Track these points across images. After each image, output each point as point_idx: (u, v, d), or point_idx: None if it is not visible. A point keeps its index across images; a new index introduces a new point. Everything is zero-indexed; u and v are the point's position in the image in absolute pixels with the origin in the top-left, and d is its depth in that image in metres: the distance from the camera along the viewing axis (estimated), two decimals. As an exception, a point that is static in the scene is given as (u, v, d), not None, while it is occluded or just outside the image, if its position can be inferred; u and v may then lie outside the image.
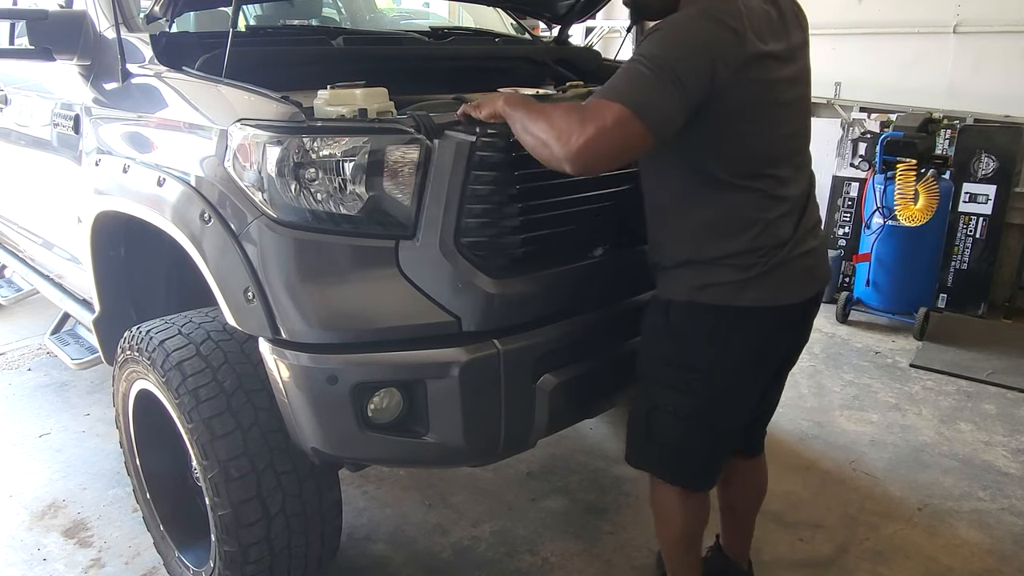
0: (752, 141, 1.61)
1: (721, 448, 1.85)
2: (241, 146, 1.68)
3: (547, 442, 2.44)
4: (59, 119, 2.43)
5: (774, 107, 1.62)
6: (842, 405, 3.45)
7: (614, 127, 1.45)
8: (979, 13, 4.63)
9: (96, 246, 2.27)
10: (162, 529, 2.24)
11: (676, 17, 1.56)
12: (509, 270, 1.74)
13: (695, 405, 1.73)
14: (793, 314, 1.75)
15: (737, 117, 1.57)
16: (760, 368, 1.79)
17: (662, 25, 1.56)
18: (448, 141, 1.64)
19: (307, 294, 1.66)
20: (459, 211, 1.65)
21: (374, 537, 2.51)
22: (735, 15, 1.53)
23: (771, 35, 1.60)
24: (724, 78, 1.50)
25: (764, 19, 1.60)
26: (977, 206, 4.48)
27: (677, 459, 1.82)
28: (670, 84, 1.46)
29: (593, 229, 1.97)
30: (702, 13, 1.54)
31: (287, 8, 3.03)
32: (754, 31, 1.55)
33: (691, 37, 1.51)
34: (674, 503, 1.87)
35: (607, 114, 1.46)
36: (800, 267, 1.70)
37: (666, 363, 1.75)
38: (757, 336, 1.71)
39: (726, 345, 1.69)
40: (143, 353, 1.91)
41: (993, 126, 4.51)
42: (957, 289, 4.58)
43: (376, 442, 1.72)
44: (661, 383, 1.76)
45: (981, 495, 2.77)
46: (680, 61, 1.48)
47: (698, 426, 1.76)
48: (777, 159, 1.66)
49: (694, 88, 1.48)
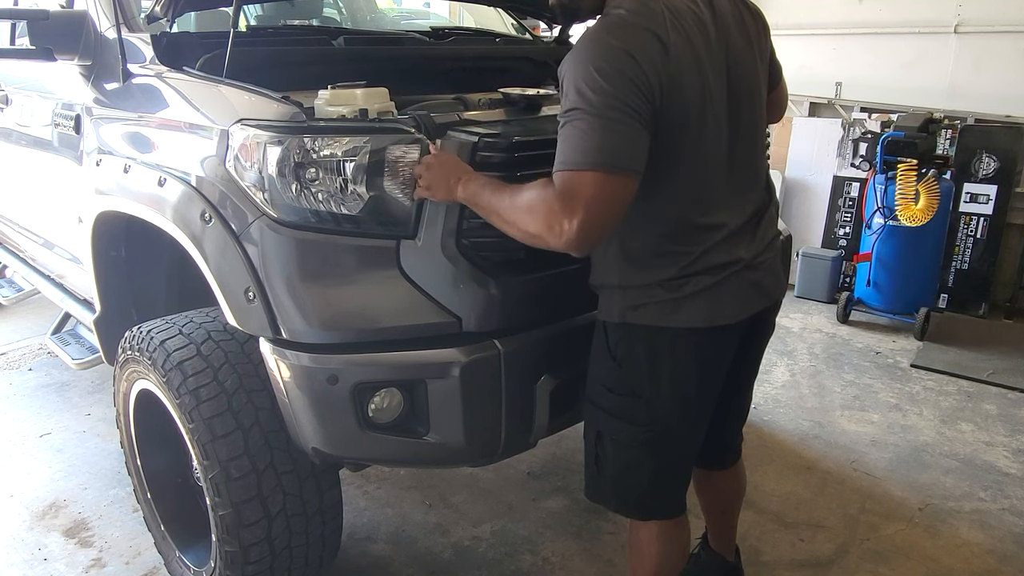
0: (679, 165, 1.48)
1: (675, 474, 1.73)
2: (242, 146, 1.68)
3: (548, 442, 2.44)
4: (60, 119, 2.43)
5: (704, 127, 1.48)
6: (843, 405, 3.45)
7: (598, 195, 1.35)
8: (980, 13, 4.63)
9: (97, 246, 2.27)
10: (163, 529, 2.24)
11: (590, 38, 1.41)
12: (510, 270, 1.74)
13: (640, 432, 1.62)
14: (737, 331, 1.63)
15: (664, 137, 1.43)
16: (704, 390, 1.65)
17: (578, 52, 1.40)
18: (450, 141, 1.64)
19: (308, 294, 1.66)
20: (460, 212, 1.65)
21: (375, 537, 2.51)
22: (655, 18, 1.41)
23: (703, 42, 1.47)
24: (660, 85, 1.38)
25: (693, 23, 1.47)
26: (978, 206, 4.48)
27: (629, 490, 1.71)
28: (623, 118, 1.35)
29: None
30: (618, 22, 1.42)
31: (288, 8, 3.03)
32: (679, 38, 1.42)
33: (614, 54, 1.37)
34: (649, 539, 1.74)
35: (584, 186, 1.35)
36: (743, 282, 1.59)
37: (608, 388, 1.65)
38: (695, 358, 1.59)
39: (663, 368, 1.58)
40: (144, 353, 1.92)
41: (994, 126, 4.51)
42: (958, 289, 4.58)
43: (377, 442, 1.72)
44: (604, 410, 1.66)
45: (982, 495, 2.77)
46: (617, 87, 1.34)
47: (645, 454, 1.65)
48: (712, 183, 1.53)
49: (644, 106, 1.37)
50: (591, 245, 1.42)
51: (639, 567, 1.78)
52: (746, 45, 1.60)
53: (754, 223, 1.65)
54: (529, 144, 1.73)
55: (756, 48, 1.63)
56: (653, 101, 1.38)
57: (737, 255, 1.57)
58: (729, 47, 1.55)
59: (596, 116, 1.35)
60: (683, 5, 1.48)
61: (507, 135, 1.67)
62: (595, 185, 1.35)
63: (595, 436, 1.70)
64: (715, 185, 1.55)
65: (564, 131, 1.39)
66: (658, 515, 1.74)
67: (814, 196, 5.06)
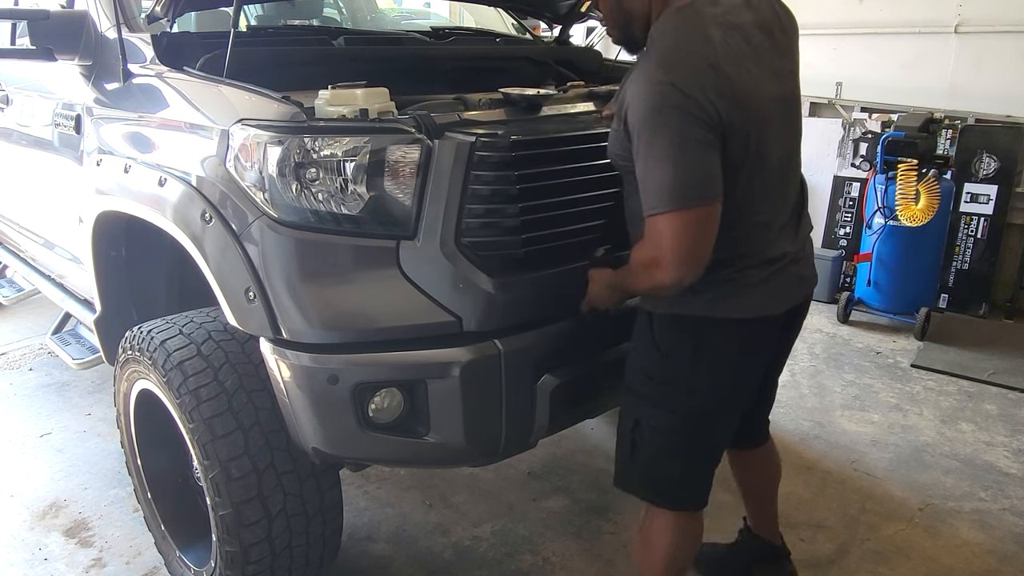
0: (741, 170, 1.53)
1: (708, 463, 1.77)
2: (242, 146, 1.68)
3: (548, 442, 2.44)
4: (60, 119, 2.43)
5: (763, 129, 1.54)
6: (843, 405, 3.45)
7: (685, 230, 1.44)
8: (980, 13, 4.62)
9: (97, 246, 2.27)
10: (163, 529, 2.24)
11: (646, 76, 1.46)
12: (510, 270, 1.74)
13: (678, 420, 1.67)
14: (778, 322, 1.70)
15: (728, 148, 1.49)
16: (743, 380, 1.73)
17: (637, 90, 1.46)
18: (448, 142, 1.64)
19: (308, 294, 1.66)
20: (459, 211, 1.65)
21: (375, 537, 2.51)
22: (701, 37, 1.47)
23: (751, 48, 1.53)
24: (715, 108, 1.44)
25: (740, 31, 1.52)
26: (978, 206, 4.47)
27: (661, 478, 1.74)
28: (696, 148, 1.42)
29: (594, 229, 1.97)
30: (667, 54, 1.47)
31: (288, 8, 3.03)
32: (728, 51, 1.48)
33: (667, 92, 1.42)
34: (663, 529, 1.77)
35: (672, 226, 1.44)
36: (789, 275, 1.68)
37: (648, 377, 1.70)
38: (740, 348, 1.65)
39: (710, 358, 1.64)
40: (144, 353, 1.92)
41: (994, 126, 4.50)
42: (958, 289, 4.58)
43: (377, 442, 1.72)
44: (644, 398, 1.71)
45: (982, 495, 2.77)
46: (684, 118, 1.41)
47: (681, 442, 1.69)
48: (766, 183, 1.59)
49: (711, 130, 1.43)
50: (695, 272, 1.50)
51: (648, 558, 1.80)
52: (788, 43, 1.66)
53: (796, 218, 1.74)
54: (527, 143, 1.73)
55: (794, 46, 1.70)
56: (714, 126, 1.44)
57: (784, 250, 1.66)
58: (774, 45, 1.60)
59: (670, 150, 1.43)
60: (728, 13, 1.53)
61: (505, 135, 1.67)
62: (681, 224, 1.45)
63: (632, 424, 1.74)
64: (769, 184, 1.61)
65: (648, 163, 1.46)
66: (686, 504, 1.77)
67: (814, 196, 5.04)
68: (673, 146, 1.42)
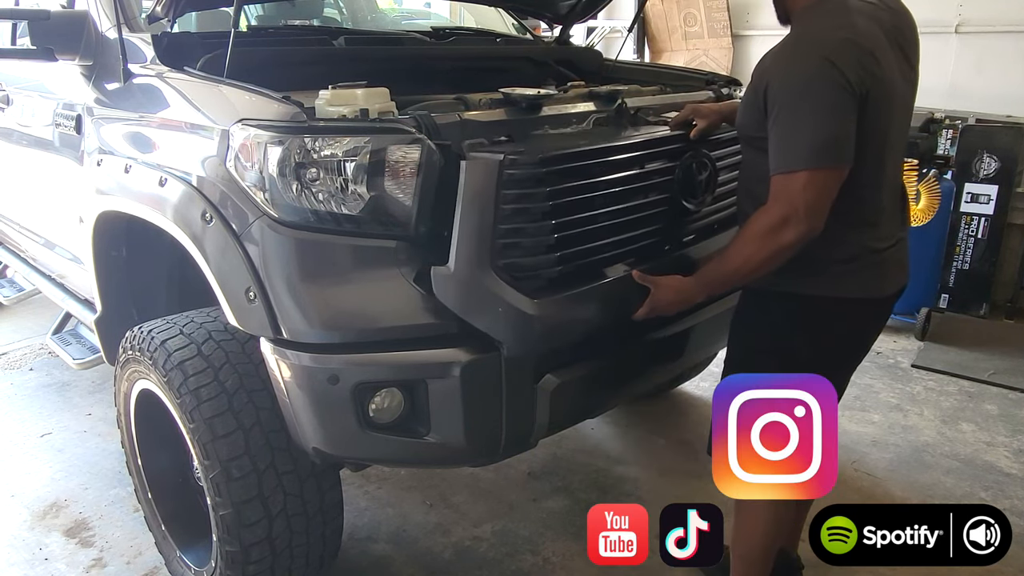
0: (866, 148, 1.61)
1: None
2: (243, 146, 1.68)
3: (548, 442, 2.44)
4: (61, 119, 2.43)
5: (889, 115, 1.63)
6: (844, 405, 3.40)
7: (818, 187, 1.54)
8: (981, 13, 4.62)
9: (98, 246, 2.27)
10: (164, 529, 2.24)
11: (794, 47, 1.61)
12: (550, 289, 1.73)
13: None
14: (889, 302, 1.79)
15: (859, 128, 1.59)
16: (855, 358, 1.87)
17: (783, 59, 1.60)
18: (475, 162, 1.61)
19: (308, 294, 1.66)
20: (493, 232, 1.63)
21: (375, 537, 2.51)
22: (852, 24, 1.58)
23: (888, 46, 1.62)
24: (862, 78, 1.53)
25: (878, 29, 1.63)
26: (979, 206, 4.46)
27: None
28: (839, 114, 1.53)
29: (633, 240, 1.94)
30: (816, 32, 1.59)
31: (288, 8, 3.03)
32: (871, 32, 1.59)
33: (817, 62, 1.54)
34: (767, 509, 1.88)
35: (809, 183, 1.54)
36: (897, 257, 1.76)
37: (760, 351, 1.76)
38: (857, 325, 1.76)
39: (827, 334, 1.72)
40: (145, 353, 1.92)
41: (995, 126, 4.49)
42: (959, 289, 4.57)
43: (377, 442, 1.72)
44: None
45: (983, 496, 2.77)
46: (832, 86, 1.52)
47: None
48: (885, 166, 1.67)
49: (853, 99, 1.53)
50: (820, 229, 1.59)
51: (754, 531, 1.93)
52: (915, 55, 1.73)
53: (902, 203, 1.81)
54: (556, 159, 1.72)
55: (917, 58, 1.77)
56: (856, 97, 1.54)
57: (895, 233, 1.76)
58: (905, 57, 1.68)
59: (807, 122, 1.53)
60: (873, 9, 1.64)
61: (531, 152, 1.66)
62: (807, 182, 1.54)
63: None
64: (888, 168, 1.70)
65: (779, 135, 1.58)
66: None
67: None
68: (818, 111, 1.53)
